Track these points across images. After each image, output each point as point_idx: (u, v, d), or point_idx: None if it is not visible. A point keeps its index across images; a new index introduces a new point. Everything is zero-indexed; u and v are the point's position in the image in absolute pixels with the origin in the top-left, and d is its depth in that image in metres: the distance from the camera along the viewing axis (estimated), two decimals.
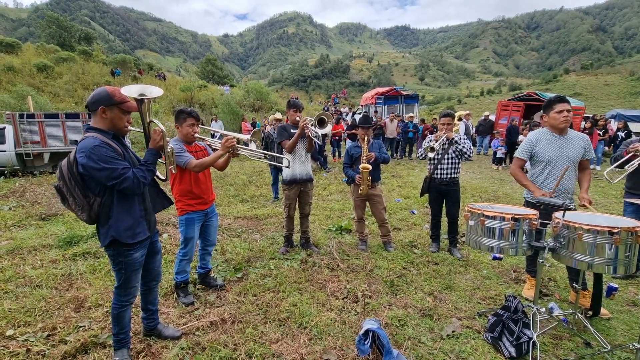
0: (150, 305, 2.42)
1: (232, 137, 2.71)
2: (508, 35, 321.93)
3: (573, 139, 2.83)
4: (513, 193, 7.44)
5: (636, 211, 3.20)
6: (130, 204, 2.02)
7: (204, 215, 2.98)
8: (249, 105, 20.27)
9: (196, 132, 2.83)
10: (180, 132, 2.85)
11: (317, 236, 4.55)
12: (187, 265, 3.00)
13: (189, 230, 2.89)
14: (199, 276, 3.28)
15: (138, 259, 2.09)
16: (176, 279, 2.99)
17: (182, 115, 2.80)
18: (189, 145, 2.87)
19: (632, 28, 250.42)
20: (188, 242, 2.91)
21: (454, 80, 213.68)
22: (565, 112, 2.75)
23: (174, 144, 2.73)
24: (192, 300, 2.96)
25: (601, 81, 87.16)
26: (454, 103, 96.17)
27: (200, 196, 2.89)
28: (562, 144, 2.81)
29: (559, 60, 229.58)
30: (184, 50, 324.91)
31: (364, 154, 3.88)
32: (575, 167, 2.81)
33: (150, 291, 2.39)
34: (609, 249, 1.98)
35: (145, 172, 1.94)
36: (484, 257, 4.00)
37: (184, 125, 2.80)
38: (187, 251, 2.93)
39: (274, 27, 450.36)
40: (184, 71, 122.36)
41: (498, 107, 15.07)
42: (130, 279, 2.10)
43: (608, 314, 2.78)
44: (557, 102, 2.80)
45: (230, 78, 39.72)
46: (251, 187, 7.72)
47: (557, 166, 2.78)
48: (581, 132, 2.98)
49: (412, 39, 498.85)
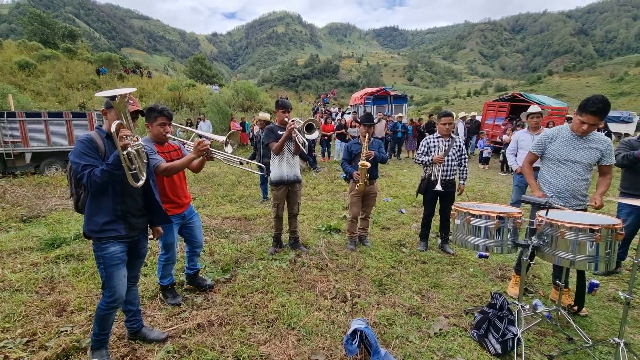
0: (130, 305, 2.36)
1: (205, 139, 2.50)
2: (494, 37, 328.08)
3: (592, 141, 2.71)
4: (499, 192, 7.57)
5: (631, 212, 3.24)
6: (101, 201, 2.04)
7: (181, 218, 2.88)
8: (238, 104, 20.08)
9: (168, 132, 2.64)
10: (150, 132, 2.66)
11: (306, 236, 4.53)
12: (171, 268, 2.93)
13: (167, 236, 2.75)
14: (187, 277, 3.22)
15: (116, 253, 2.07)
16: (162, 282, 2.92)
17: (152, 113, 2.59)
18: (161, 146, 2.69)
19: (612, 31, 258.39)
20: (169, 248, 2.82)
21: (441, 81, 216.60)
22: (585, 126, 2.61)
23: (147, 144, 2.56)
24: (180, 301, 2.91)
25: (583, 83, 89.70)
26: (441, 103, 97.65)
27: (174, 200, 2.78)
28: (578, 145, 2.73)
29: (543, 62, 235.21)
30: (171, 49, 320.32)
31: (364, 151, 3.90)
32: (588, 170, 2.75)
33: (129, 291, 2.32)
34: (590, 246, 2.02)
35: (101, 172, 1.89)
36: (470, 256, 4.05)
37: (154, 124, 2.60)
38: (169, 256, 2.84)
39: (264, 27, 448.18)
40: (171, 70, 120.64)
41: (484, 108, 15.31)
42: (112, 275, 2.08)
43: (586, 312, 2.83)
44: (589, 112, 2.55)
45: (219, 77, 39.31)
46: (240, 187, 7.65)
47: (568, 166, 2.74)
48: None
49: (400, 40, 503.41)
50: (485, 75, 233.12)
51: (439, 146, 4.00)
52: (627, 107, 52.22)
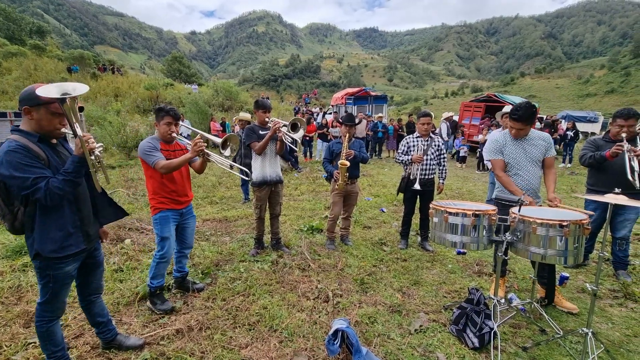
0: (99, 317, 2.25)
1: (201, 139, 2.61)
2: (470, 40, 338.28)
3: (534, 139, 2.89)
4: (476, 190, 7.80)
5: (597, 207, 3.41)
6: (58, 214, 1.82)
7: (178, 215, 2.86)
8: (218, 104, 19.74)
9: (173, 132, 2.72)
10: (157, 130, 2.77)
11: (288, 237, 4.51)
12: (165, 267, 2.85)
13: (164, 229, 2.74)
14: (175, 281, 3.14)
15: (70, 272, 1.92)
16: (151, 284, 2.81)
17: (160, 113, 2.71)
18: (168, 144, 2.78)
19: (578, 35, 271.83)
20: (165, 243, 2.76)
21: (420, 82, 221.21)
22: (516, 130, 2.80)
23: (150, 141, 2.66)
24: (172, 306, 2.82)
25: (553, 84, 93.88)
26: (420, 104, 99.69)
27: (174, 194, 2.78)
28: (524, 145, 2.87)
29: (516, 64, 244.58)
30: (148, 47, 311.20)
31: (344, 150, 3.92)
32: (538, 166, 2.88)
33: (93, 304, 2.22)
34: (559, 240, 2.11)
35: (62, 183, 1.70)
36: (449, 252, 4.15)
37: (161, 123, 2.71)
38: (164, 253, 2.77)
39: (244, 26, 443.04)
40: (148, 69, 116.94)
41: (461, 108, 15.77)
42: (59, 294, 1.91)
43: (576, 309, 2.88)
44: (512, 119, 2.80)
45: (198, 77, 38.53)
46: (221, 189, 7.52)
47: (523, 166, 2.85)
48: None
49: (380, 41, 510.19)
50: (461, 77, 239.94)
51: (418, 146, 4.08)
52: (593, 108, 55.08)
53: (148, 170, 2.70)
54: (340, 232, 4.47)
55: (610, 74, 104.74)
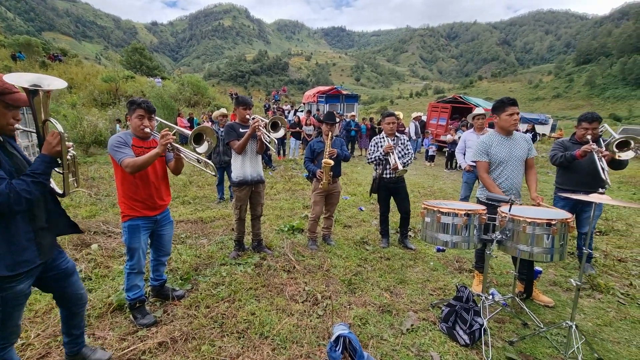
0: (74, 329, 2.05)
1: (169, 131, 2.34)
2: (432, 43, 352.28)
3: (518, 139, 3.03)
4: (446, 188, 8.10)
5: (565, 205, 3.62)
6: (9, 225, 1.56)
7: (152, 222, 2.60)
8: (185, 99, 18.86)
9: (147, 127, 2.45)
10: (130, 125, 2.52)
11: (269, 237, 4.39)
12: (138, 278, 2.59)
13: (132, 240, 2.49)
14: (152, 289, 2.91)
15: (24, 290, 1.66)
16: (128, 297, 2.57)
17: (132, 105, 2.46)
18: (143, 141, 2.51)
19: (529, 43, 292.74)
20: (133, 254, 2.51)
21: (386, 82, 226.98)
22: (515, 115, 2.92)
23: (121, 136, 2.41)
24: (154, 320, 2.59)
25: (507, 88, 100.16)
26: (387, 103, 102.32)
27: (147, 199, 2.52)
28: (510, 145, 2.99)
29: (474, 68, 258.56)
30: (104, 37, 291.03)
31: (326, 149, 3.86)
32: (522, 165, 3.03)
33: (75, 315, 2.02)
34: (547, 239, 2.21)
35: (30, 185, 1.49)
36: (429, 250, 4.24)
37: (132, 117, 2.45)
38: (133, 264, 2.53)
39: (209, 19, 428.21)
40: (105, 59, 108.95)
41: (429, 109, 16.33)
42: (12, 316, 1.65)
43: (552, 302, 3.04)
44: (509, 104, 2.90)
45: (161, 70, 36.56)
46: (192, 188, 7.17)
47: (508, 166, 2.98)
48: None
49: (347, 41, 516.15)
50: (425, 78, 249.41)
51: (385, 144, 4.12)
52: (542, 110, 59.65)
53: (118, 169, 2.42)
54: (323, 232, 4.42)
55: (556, 80, 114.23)
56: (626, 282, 3.51)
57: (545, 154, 11.94)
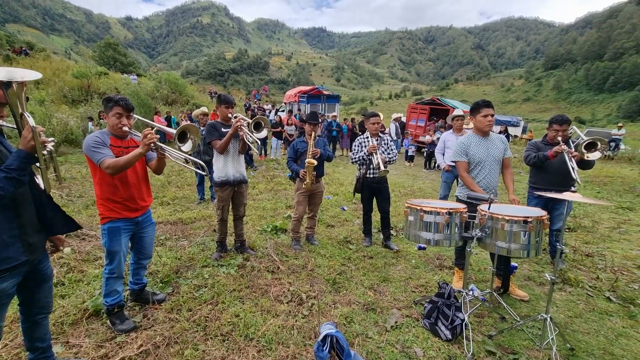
0: (39, 342, 1.93)
1: (152, 131, 2.25)
2: (410, 46, 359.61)
3: (494, 140, 3.16)
4: (425, 187, 8.29)
5: (538, 203, 3.77)
6: None
7: (133, 224, 2.50)
8: (162, 97, 18.28)
9: (125, 125, 2.35)
10: (107, 123, 2.41)
11: (251, 238, 4.33)
12: (117, 283, 2.49)
13: (112, 243, 2.39)
14: (132, 293, 2.81)
15: (7, 290, 1.63)
16: (106, 303, 2.46)
17: (108, 103, 2.34)
18: (121, 140, 2.41)
19: (501, 48, 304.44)
20: (113, 257, 2.41)
21: (366, 83, 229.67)
22: (490, 117, 3.05)
23: (98, 135, 2.30)
24: (134, 325, 2.49)
25: (481, 90, 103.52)
26: (367, 104, 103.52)
27: (127, 200, 2.42)
28: (488, 145, 3.11)
29: (450, 71, 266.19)
30: (74, 30, 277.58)
31: (310, 149, 3.86)
32: (499, 165, 3.15)
33: (38, 325, 1.90)
34: (523, 235, 2.31)
35: (4, 181, 1.45)
36: (410, 248, 4.33)
37: (109, 115, 2.35)
38: (113, 268, 2.42)
39: (187, 15, 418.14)
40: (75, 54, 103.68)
41: (408, 110, 16.67)
42: None
43: (527, 296, 3.18)
44: (483, 106, 3.06)
45: (136, 66, 35.28)
46: (171, 188, 6.97)
47: (485, 166, 3.09)
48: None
49: (328, 41, 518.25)
50: (404, 80, 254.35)
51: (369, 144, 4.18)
52: (513, 113, 62.23)
53: (95, 170, 2.31)
54: (306, 232, 4.42)
55: (526, 84, 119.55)
56: (593, 275, 3.71)
57: (518, 155, 12.46)
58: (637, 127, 40.33)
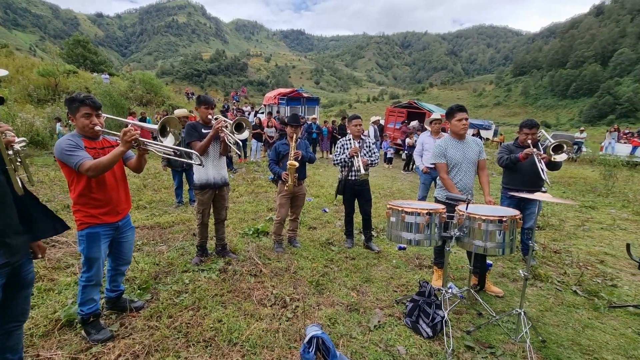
0: (10, 353, 1.82)
1: (132, 128, 2.19)
2: (387, 50, 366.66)
3: (470, 142, 3.29)
4: (404, 189, 8.47)
5: (510, 203, 3.95)
6: None
7: (113, 229, 2.40)
8: (136, 98, 17.66)
9: (96, 124, 2.23)
10: (76, 125, 2.28)
11: (233, 242, 4.27)
12: (95, 291, 2.38)
13: (92, 249, 2.28)
14: (108, 301, 2.69)
15: None
16: (81, 312, 2.34)
17: (73, 104, 2.20)
18: (94, 141, 2.30)
19: (473, 54, 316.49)
20: (92, 264, 2.30)
21: (345, 86, 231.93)
22: (464, 120, 3.17)
23: (70, 138, 2.17)
24: (111, 334, 2.39)
25: (455, 95, 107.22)
26: (346, 107, 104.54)
27: (106, 204, 2.32)
28: (464, 148, 3.24)
29: (425, 76, 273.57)
30: (40, 26, 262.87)
31: (291, 151, 3.86)
32: (474, 166, 3.28)
33: (10, 335, 1.80)
34: (499, 234, 2.42)
35: None
36: (391, 248, 4.42)
37: (77, 116, 2.22)
38: (91, 275, 2.31)
39: (161, 14, 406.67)
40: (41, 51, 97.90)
41: (386, 113, 17.00)
42: None
43: (502, 293, 3.32)
44: (457, 111, 3.19)
45: (108, 65, 33.84)
46: (147, 192, 6.74)
47: (462, 167, 3.21)
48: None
49: (307, 44, 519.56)
50: (381, 84, 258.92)
51: (351, 147, 4.24)
52: (485, 117, 64.84)
53: (71, 175, 2.21)
54: (288, 234, 4.41)
55: (497, 89, 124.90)
56: (561, 271, 3.93)
57: (490, 157, 12.99)
58: (596, 131, 43.12)
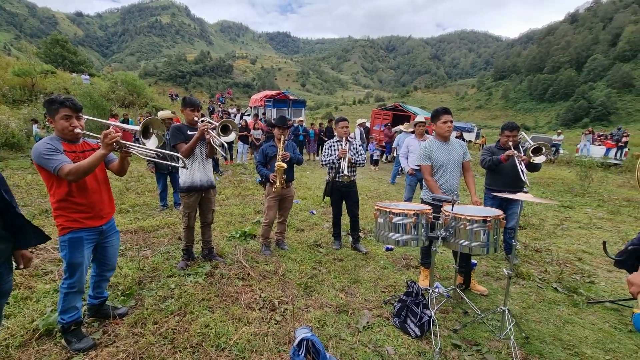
0: None
1: (114, 129, 2.10)
2: (373, 54, 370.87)
3: (454, 144, 3.37)
4: (390, 190, 8.57)
5: (493, 203, 4.05)
6: None
7: (97, 233, 2.33)
8: (118, 99, 17.23)
9: (76, 127, 2.16)
10: (55, 128, 2.19)
11: (220, 245, 4.22)
12: (77, 299, 2.30)
13: (74, 255, 2.20)
14: (90, 308, 2.60)
15: None
16: (62, 320, 2.25)
17: (52, 106, 2.12)
18: (73, 144, 2.23)
19: (456, 58, 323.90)
20: (74, 271, 2.22)
21: (331, 89, 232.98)
22: (449, 123, 3.24)
23: (48, 142, 2.09)
24: (93, 343, 2.31)
25: (438, 98, 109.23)
26: (332, 109, 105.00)
27: (90, 209, 2.25)
28: (449, 150, 3.30)
29: (410, 79, 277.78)
30: (15, 25, 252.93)
31: (279, 153, 3.85)
32: (459, 168, 3.35)
33: None
34: (483, 234, 2.48)
35: None
36: (379, 249, 4.45)
37: (57, 118, 2.14)
38: (73, 282, 2.23)
39: (144, 14, 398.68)
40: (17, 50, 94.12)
41: (372, 116, 17.18)
42: None
43: (486, 291, 3.40)
44: (443, 113, 3.26)
45: (88, 65, 32.89)
46: (130, 195, 6.58)
47: (447, 169, 3.27)
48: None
49: (293, 47, 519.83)
50: (367, 87, 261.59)
51: (339, 148, 4.28)
52: (468, 119, 66.41)
53: (50, 179, 2.13)
54: (276, 237, 4.39)
55: (478, 93, 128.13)
56: (542, 269, 4.05)
57: (473, 159, 13.31)
58: (572, 134, 44.78)
